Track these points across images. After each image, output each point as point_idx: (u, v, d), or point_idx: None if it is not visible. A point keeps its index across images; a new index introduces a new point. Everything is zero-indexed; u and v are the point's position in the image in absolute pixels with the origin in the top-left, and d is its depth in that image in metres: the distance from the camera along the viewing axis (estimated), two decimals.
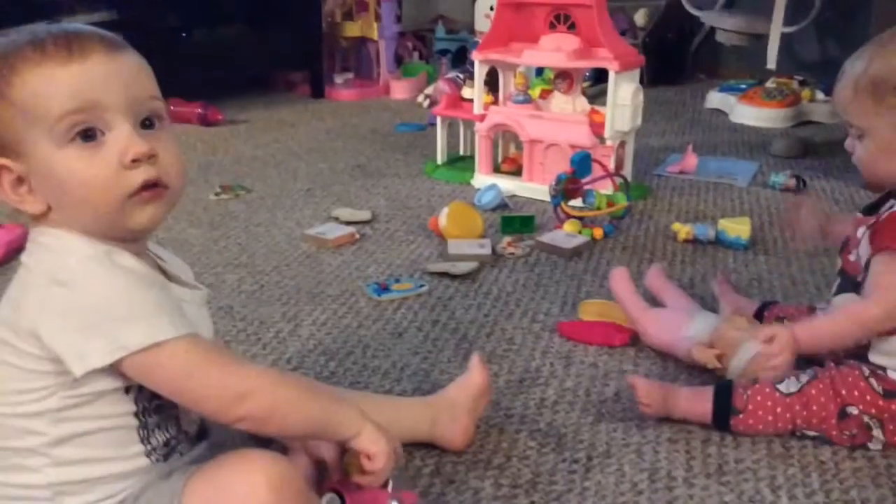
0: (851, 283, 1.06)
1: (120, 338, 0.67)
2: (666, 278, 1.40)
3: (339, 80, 3.25)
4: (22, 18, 2.51)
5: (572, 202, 1.77)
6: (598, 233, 1.72)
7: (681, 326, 1.21)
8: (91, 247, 0.71)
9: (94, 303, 0.68)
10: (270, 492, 0.69)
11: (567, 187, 1.74)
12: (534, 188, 1.98)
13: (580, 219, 1.74)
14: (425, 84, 3.19)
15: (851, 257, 1.07)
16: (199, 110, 2.66)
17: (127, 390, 0.71)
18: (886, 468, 1.00)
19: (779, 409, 1.03)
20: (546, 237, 1.69)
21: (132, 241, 0.74)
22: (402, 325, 1.38)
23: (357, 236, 1.74)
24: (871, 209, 1.07)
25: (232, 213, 1.90)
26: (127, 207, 0.71)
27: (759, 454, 1.03)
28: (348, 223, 1.81)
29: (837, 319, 1.05)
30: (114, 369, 0.68)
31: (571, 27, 1.97)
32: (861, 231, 1.06)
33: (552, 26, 1.99)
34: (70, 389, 0.69)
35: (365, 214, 1.86)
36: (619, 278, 1.31)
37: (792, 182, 1.99)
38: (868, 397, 1.00)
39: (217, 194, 2.01)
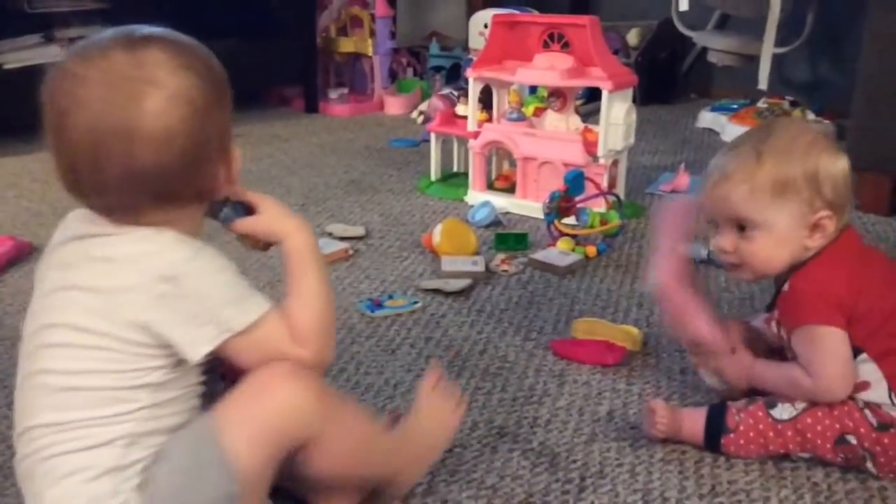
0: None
1: (228, 322, 0.77)
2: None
3: (333, 95, 3.26)
4: (14, 30, 2.52)
5: (566, 220, 1.77)
6: (592, 251, 1.72)
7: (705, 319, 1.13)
8: (186, 243, 0.78)
9: (201, 294, 0.76)
10: (294, 380, 0.79)
11: (560, 205, 1.75)
12: (527, 205, 1.99)
13: (573, 237, 1.74)
14: (419, 100, 3.20)
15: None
16: None
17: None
18: (879, 490, 1.00)
19: (770, 434, 1.03)
20: (539, 255, 1.69)
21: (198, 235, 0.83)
22: (396, 341, 1.37)
23: (350, 252, 1.74)
24: (772, 305, 1.09)
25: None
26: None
27: (752, 475, 1.03)
28: (342, 239, 1.81)
29: (779, 380, 1.05)
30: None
31: (565, 46, 1.98)
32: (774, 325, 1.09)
33: (546, 45, 2.00)
34: (172, 368, 0.78)
35: (358, 230, 1.86)
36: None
37: None
38: (862, 429, 1.00)
39: None
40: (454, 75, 3.39)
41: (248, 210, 0.87)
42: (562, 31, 1.98)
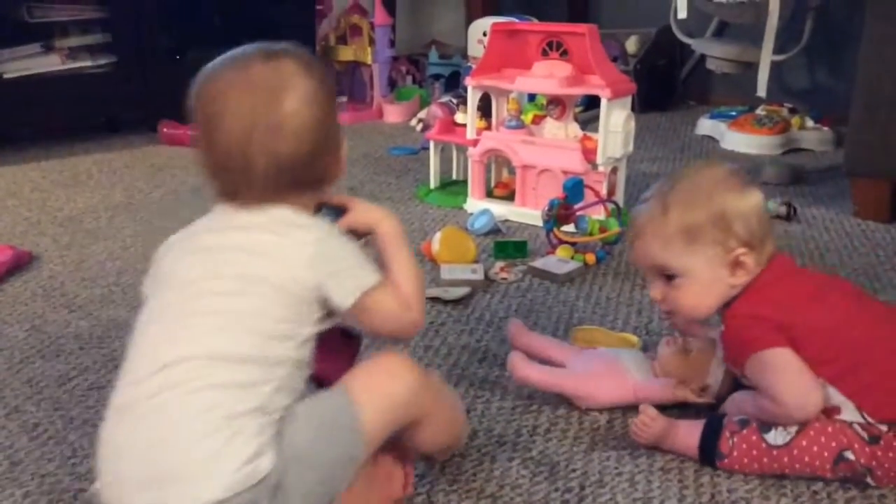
0: None
1: (363, 279, 0.90)
2: (529, 331, 1.36)
3: None
4: (14, 40, 2.52)
5: (565, 228, 1.78)
6: (591, 258, 1.72)
7: (620, 373, 1.20)
8: (314, 217, 0.94)
9: (341, 257, 0.90)
10: (413, 368, 0.92)
11: (559, 213, 1.75)
12: (526, 213, 1.99)
13: (572, 244, 1.74)
14: (418, 108, 3.20)
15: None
16: (193, 132, 2.65)
17: None
18: (879, 498, 1.00)
19: (765, 460, 1.02)
20: (539, 262, 1.69)
21: None
22: (393, 349, 1.37)
23: None
24: None
25: None
26: None
27: (752, 484, 1.03)
28: None
29: (756, 413, 1.04)
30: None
31: (564, 54, 1.99)
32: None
33: (545, 53, 2.01)
34: (319, 321, 0.89)
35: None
36: (520, 360, 1.22)
37: (783, 209, 2.00)
38: (857, 445, 0.99)
39: None
40: (453, 83, 3.40)
41: (341, 210, 1.00)
42: (560, 39, 1.98)
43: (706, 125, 2.90)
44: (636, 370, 1.20)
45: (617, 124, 1.89)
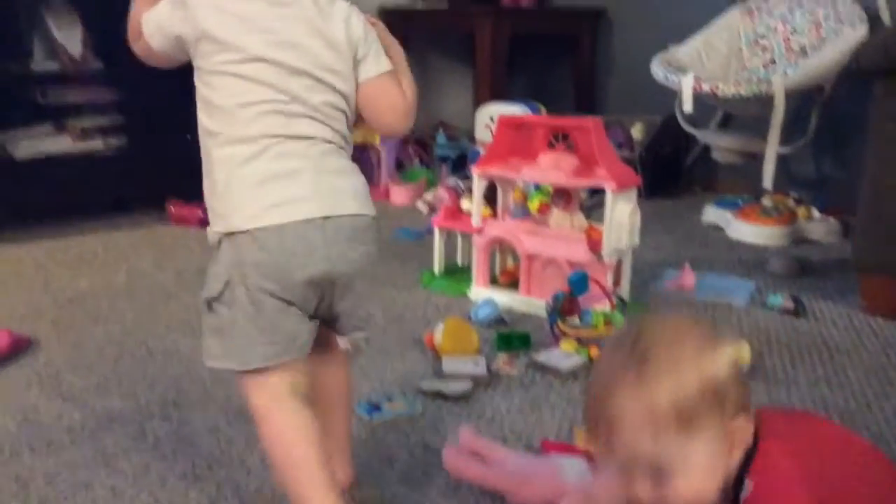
0: None
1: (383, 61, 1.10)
2: (480, 437, 1.31)
3: None
4: (27, 120, 2.55)
5: (569, 320, 1.75)
6: (595, 352, 1.69)
7: (554, 475, 1.16)
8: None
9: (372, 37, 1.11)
10: None
11: (564, 306, 1.73)
12: (531, 303, 1.97)
13: (577, 338, 1.72)
14: (425, 189, 3.22)
15: None
16: (201, 213, 2.67)
17: None
18: None
19: None
20: (542, 356, 1.67)
21: None
22: (393, 449, 1.34)
23: (351, 350, 1.71)
24: None
25: None
26: None
27: None
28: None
29: None
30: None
31: (570, 145, 2.00)
32: None
33: (551, 145, 2.02)
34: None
35: None
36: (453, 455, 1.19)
37: (790, 304, 1.97)
38: None
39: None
40: (460, 165, 3.43)
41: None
42: (566, 131, 2.00)
43: (712, 213, 2.90)
44: (574, 476, 1.15)
45: (622, 217, 1.89)
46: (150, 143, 2.71)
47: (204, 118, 1.03)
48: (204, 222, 2.64)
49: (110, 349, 1.71)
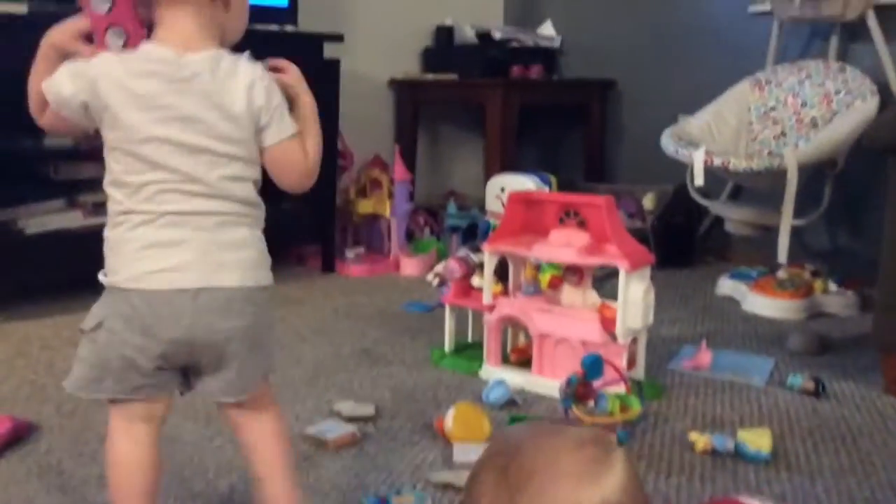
0: None
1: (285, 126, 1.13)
2: None
3: (350, 254, 3.27)
4: (39, 195, 2.51)
5: (584, 406, 1.71)
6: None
7: None
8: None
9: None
10: None
11: (578, 391, 1.69)
12: (544, 383, 1.93)
13: (593, 425, 1.67)
14: (435, 261, 3.20)
15: None
16: None
17: None
18: None
19: None
20: None
21: None
22: None
23: (359, 436, 1.67)
24: None
25: None
26: None
27: None
28: (350, 419, 1.75)
29: None
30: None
31: (581, 223, 1.98)
32: None
33: (562, 221, 2.01)
34: None
35: (368, 409, 1.79)
36: None
37: (811, 385, 1.92)
38: None
39: None
40: (471, 235, 3.41)
41: (275, 69, 1.16)
42: (577, 209, 1.98)
43: (727, 285, 2.86)
44: None
45: (636, 297, 1.86)
46: None
47: (108, 181, 1.10)
48: None
49: None
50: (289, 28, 2.97)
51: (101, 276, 1.10)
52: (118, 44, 1.10)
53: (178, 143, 1.07)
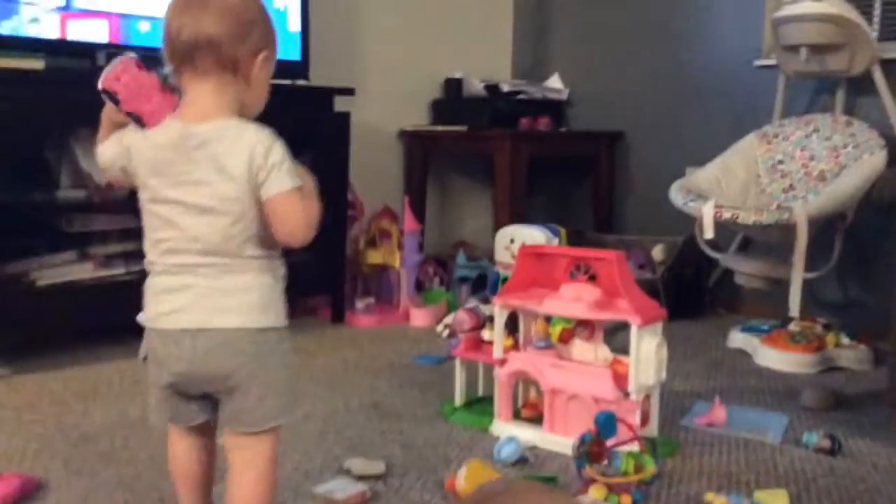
0: None
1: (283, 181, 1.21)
2: None
3: (359, 305, 3.27)
4: (51, 248, 2.52)
5: (598, 465, 1.68)
6: (626, 501, 1.62)
7: None
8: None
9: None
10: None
11: (591, 450, 1.67)
12: (556, 440, 1.91)
13: (607, 485, 1.64)
14: (445, 312, 3.20)
15: None
16: None
17: None
18: None
19: None
20: None
21: None
22: None
23: (369, 495, 1.65)
24: None
25: None
26: None
27: None
28: (360, 477, 1.73)
29: None
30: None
31: (592, 277, 1.98)
32: None
33: (573, 275, 2.00)
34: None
35: (378, 467, 1.77)
36: None
37: (826, 443, 1.89)
38: None
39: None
40: (480, 286, 3.41)
41: None
42: (588, 263, 1.98)
43: (738, 338, 2.84)
44: None
45: (649, 352, 1.84)
46: None
47: (145, 236, 1.28)
48: None
49: (120, 495, 1.65)
50: (300, 82, 3.01)
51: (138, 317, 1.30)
52: (139, 127, 1.26)
53: (186, 205, 1.21)
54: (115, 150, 1.28)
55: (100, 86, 1.25)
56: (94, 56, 2.63)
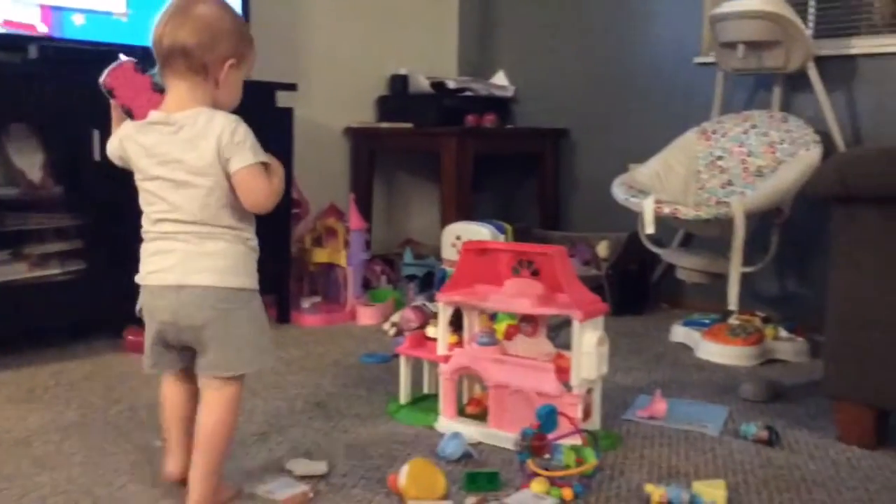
0: None
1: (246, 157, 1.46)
2: None
3: (305, 304, 3.23)
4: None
5: (539, 459, 1.69)
6: (568, 494, 1.62)
7: None
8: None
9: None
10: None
11: (533, 444, 1.67)
12: (500, 436, 1.91)
13: (548, 478, 1.65)
14: (392, 310, 3.18)
15: None
16: None
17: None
18: None
19: None
20: (513, 499, 1.59)
21: None
22: None
23: (310, 496, 1.63)
24: None
25: None
26: None
27: None
28: (302, 477, 1.70)
29: None
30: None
31: (535, 273, 1.98)
32: None
33: (516, 271, 2.01)
34: None
35: (321, 467, 1.75)
36: None
37: (765, 434, 1.93)
38: None
39: (164, 440, 1.90)
40: (428, 284, 3.40)
41: None
42: (531, 258, 1.99)
43: (680, 332, 2.88)
44: None
45: (590, 346, 1.86)
46: (110, 269, 2.65)
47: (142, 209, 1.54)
48: None
49: (53, 500, 1.60)
50: None
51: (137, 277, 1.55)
52: (130, 119, 1.53)
53: (169, 180, 1.47)
54: (113, 144, 1.55)
55: (101, 81, 1.52)
56: (26, 50, 2.56)
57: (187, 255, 1.46)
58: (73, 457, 1.81)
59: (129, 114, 1.50)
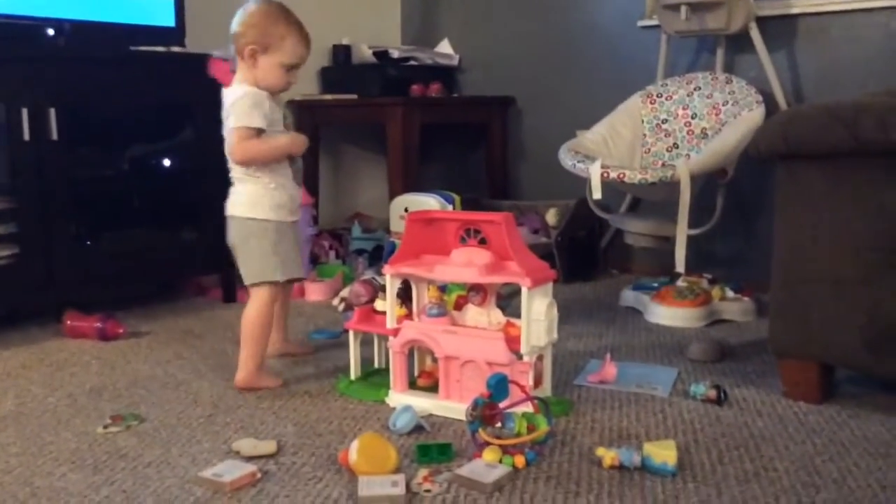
0: None
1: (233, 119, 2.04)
2: None
3: None
4: None
5: (491, 428, 1.67)
6: (520, 461, 1.61)
7: None
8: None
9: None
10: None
11: (484, 413, 1.65)
12: (451, 407, 1.89)
13: (501, 447, 1.64)
14: (341, 285, 3.13)
15: None
16: (98, 324, 2.51)
17: None
18: None
19: None
20: (465, 469, 1.58)
21: None
22: None
23: (259, 475, 1.59)
24: None
25: (120, 451, 1.72)
26: None
27: None
28: (250, 458, 1.67)
29: None
30: None
31: (483, 241, 1.96)
32: None
33: (463, 240, 1.98)
34: None
35: (269, 446, 1.71)
36: None
37: (713, 393, 1.95)
38: None
39: (106, 427, 1.84)
40: (377, 257, 3.36)
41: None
42: (478, 227, 1.96)
43: (629, 297, 2.90)
44: None
45: (539, 313, 1.84)
46: (46, 252, 2.56)
47: None
48: (102, 335, 2.49)
49: None
50: (175, 49, 2.87)
51: None
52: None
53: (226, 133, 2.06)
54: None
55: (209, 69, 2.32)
56: None
57: (231, 193, 2.10)
58: (11, 447, 1.75)
59: (221, 86, 2.11)
